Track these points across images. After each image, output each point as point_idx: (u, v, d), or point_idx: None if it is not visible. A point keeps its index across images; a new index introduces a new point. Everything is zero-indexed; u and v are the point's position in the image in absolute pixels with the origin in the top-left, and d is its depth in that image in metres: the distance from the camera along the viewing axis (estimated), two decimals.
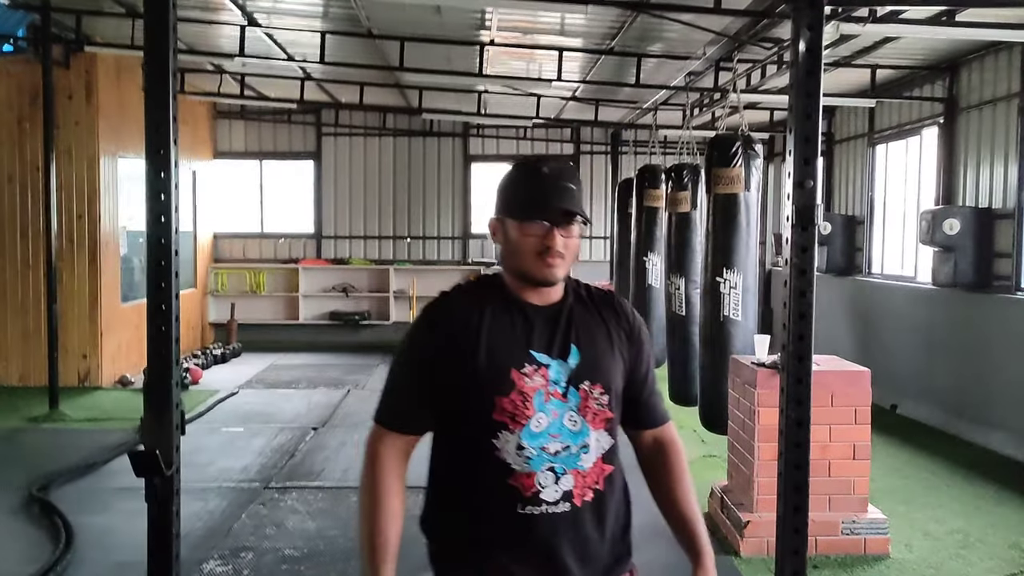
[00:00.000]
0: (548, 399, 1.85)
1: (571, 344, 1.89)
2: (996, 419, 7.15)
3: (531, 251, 1.84)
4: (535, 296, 1.91)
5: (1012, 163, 7.41)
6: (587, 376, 1.88)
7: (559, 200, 1.84)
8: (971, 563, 4.87)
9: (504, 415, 1.82)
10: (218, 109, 13.24)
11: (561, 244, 1.84)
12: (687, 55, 8.06)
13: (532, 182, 1.87)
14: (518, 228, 1.85)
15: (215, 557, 4.80)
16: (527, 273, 1.87)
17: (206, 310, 13.04)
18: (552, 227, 1.83)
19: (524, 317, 1.89)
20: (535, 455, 1.82)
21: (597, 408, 1.88)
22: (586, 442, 1.86)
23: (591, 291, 2.02)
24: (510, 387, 1.82)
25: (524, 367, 1.84)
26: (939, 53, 8.09)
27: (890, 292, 9.42)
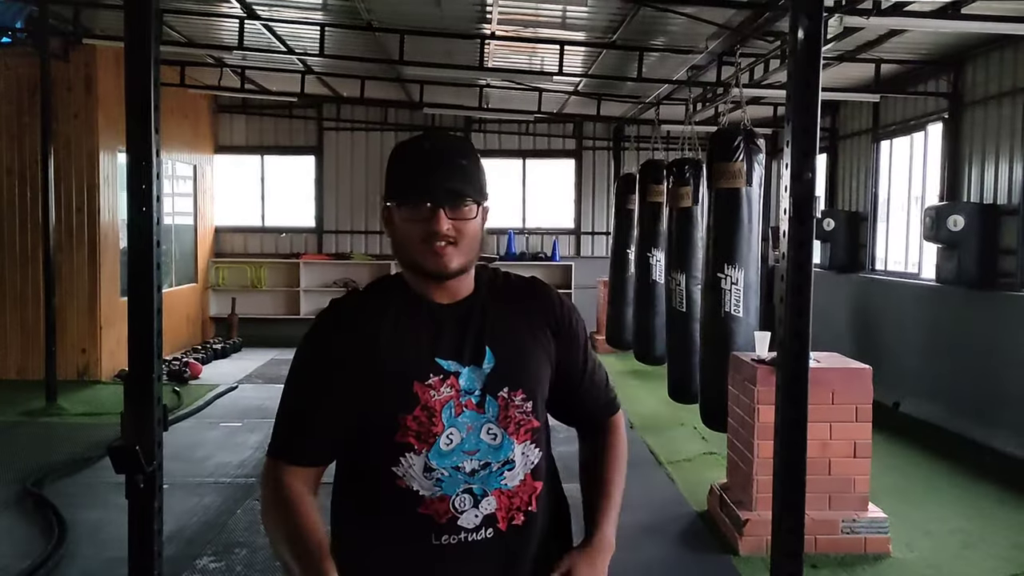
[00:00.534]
0: (460, 411, 1.62)
1: (484, 346, 1.65)
2: (1000, 418, 7.08)
3: (416, 238, 1.61)
4: (440, 294, 1.67)
5: (1017, 159, 7.33)
6: (505, 381, 1.65)
7: (443, 177, 1.60)
8: (973, 563, 4.82)
9: (408, 435, 1.59)
10: (219, 103, 13.20)
11: (449, 228, 1.59)
12: (690, 49, 7.99)
13: (412, 160, 1.64)
14: (401, 213, 1.62)
15: (209, 553, 4.76)
16: (417, 264, 1.63)
17: (207, 304, 13.01)
18: (437, 208, 1.58)
19: (430, 319, 1.66)
20: (447, 476, 1.60)
21: (520, 417, 1.65)
22: (509, 457, 1.64)
23: (510, 280, 1.78)
24: (413, 402, 1.59)
25: (429, 378, 1.61)
26: (944, 48, 8.01)
27: (893, 289, 9.35)
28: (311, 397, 1.66)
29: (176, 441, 7.00)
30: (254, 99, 12.57)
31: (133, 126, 2.17)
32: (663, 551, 4.94)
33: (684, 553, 5.00)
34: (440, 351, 1.63)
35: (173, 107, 11.21)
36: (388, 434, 1.59)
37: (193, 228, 12.33)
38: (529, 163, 13.76)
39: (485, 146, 13.64)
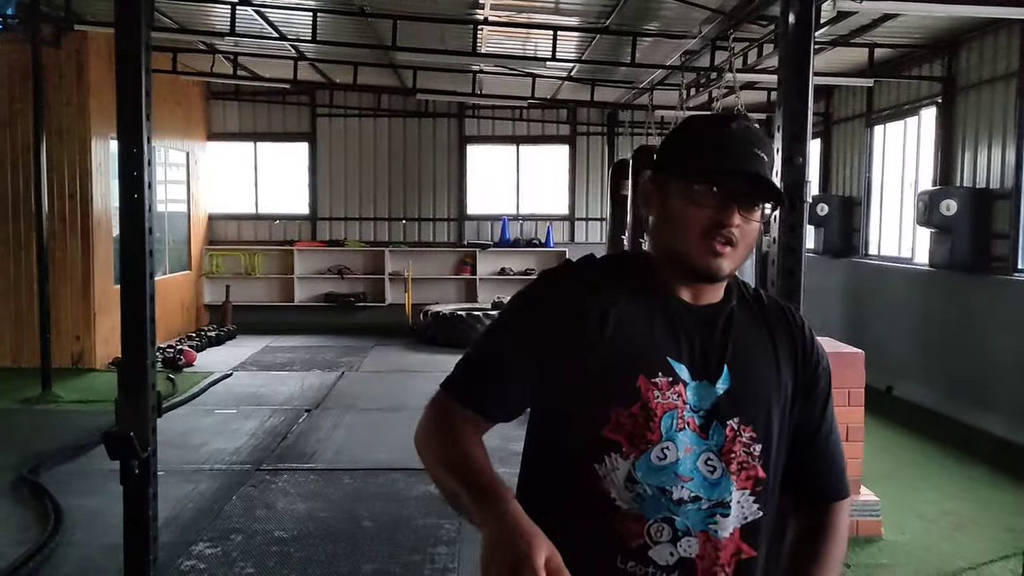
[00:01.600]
0: (683, 427, 1.36)
1: (723, 363, 1.39)
2: (992, 401, 7.12)
3: (696, 227, 1.35)
4: (687, 291, 1.43)
5: (1010, 143, 7.34)
6: (737, 411, 1.38)
7: (749, 164, 1.35)
8: (964, 545, 4.86)
9: (619, 432, 1.35)
10: (212, 90, 13.14)
11: (738, 224, 1.35)
12: (683, 34, 7.97)
13: (714, 137, 1.39)
14: (684, 193, 1.37)
15: (205, 539, 4.78)
16: (684, 257, 1.38)
17: (201, 292, 12.99)
18: (731, 199, 1.35)
19: (667, 314, 1.41)
20: (648, 495, 1.34)
21: (745, 458, 1.37)
22: (726, 500, 1.36)
23: (761, 296, 1.52)
24: (634, 397, 1.35)
25: (657, 376, 1.36)
26: (938, 32, 8.01)
27: (887, 274, 9.38)
28: (512, 351, 1.42)
29: (171, 428, 7.01)
30: (246, 85, 12.51)
31: (124, 113, 2.17)
32: None
33: None
34: (675, 352, 1.39)
35: (165, 94, 11.15)
36: (597, 425, 1.36)
37: (187, 215, 12.30)
38: (523, 149, 13.74)
39: (479, 132, 13.62)
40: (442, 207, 13.65)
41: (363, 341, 11.98)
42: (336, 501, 5.42)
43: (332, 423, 7.39)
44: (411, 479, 5.78)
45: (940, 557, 4.69)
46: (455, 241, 13.63)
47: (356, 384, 9.13)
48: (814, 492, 1.52)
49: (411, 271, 13.11)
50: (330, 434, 7.04)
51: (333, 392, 8.71)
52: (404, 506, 5.33)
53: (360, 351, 11.24)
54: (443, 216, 13.66)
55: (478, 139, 13.66)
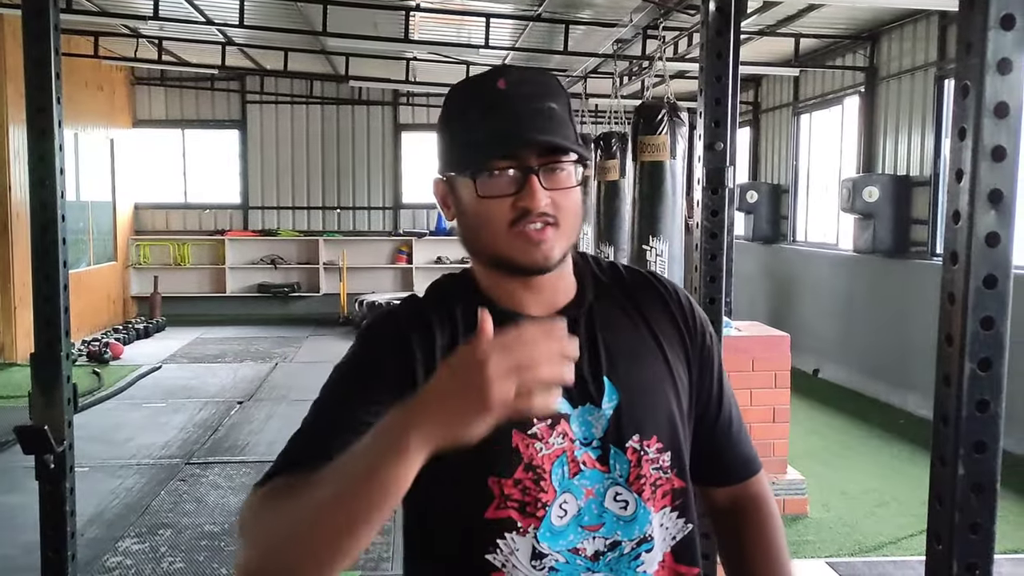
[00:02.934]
0: (577, 470, 1.14)
1: (602, 376, 1.16)
2: (912, 381, 7.37)
3: (501, 222, 1.11)
4: (531, 301, 1.18)
5: (929, 132, 7.58)
6: (635, 426, 1.16)
7: (532, 127, 1.10)
8: (885, 520, 5.02)
9: (509, 507, 1.11)
10: (136, 75, 12.79)
11: (546, 201, 1.10)
12: (615, 22, 8.03)
13: (483, 108, 1.12)
14: (473, 188, 1.12)
15: (132, 535, 4.68)
16: (502, 259, 1.14)
17: (127, 283, 12.67)
18: (528, 175, 1.10)
19: None
20: (563, 564, 1.12)
21: (656, 476, 1.17)
22: (647, 533, 1.16)
23: (621, 275, 1.27)
24: (515, 461, 1.11)
25: (532, 425, 1.12)
26: (860, 22, 8.21)
27: (813, 259, 9.62)
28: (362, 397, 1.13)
29: (97, 423, 6.84)
30: (172, 71, 12.22)
31: (32, 95, 2.10)
32: None
33: None
34: None
35: (87, 79, 10.83)
36: (478, 508, 1.12)
37: (111, 205, 11.96)
38: None
39: (413, 120, 13.53)
40: (377, 195, 13.54)
41: (298, 331, 11.84)
42: None
43: (265, 415, 7.29)
44: None
45: (863, 533, 4.84)
46: (390, 230, 13.53)
47: (290, 375, 9.02)
48: (730, 477, 1.33)
49: (346, 260, 12.98)
50: (263, 426, 6.94)
51: (266, 383, 8.59)
52: None
53: (294, 342, 11.10)
54: (378, 205, 13.55)
55: (413, 127, 13.56)
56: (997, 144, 1.10)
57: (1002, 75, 1.10)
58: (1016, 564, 4.29)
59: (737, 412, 1.33)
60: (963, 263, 1.12)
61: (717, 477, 1.33)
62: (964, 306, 1.12)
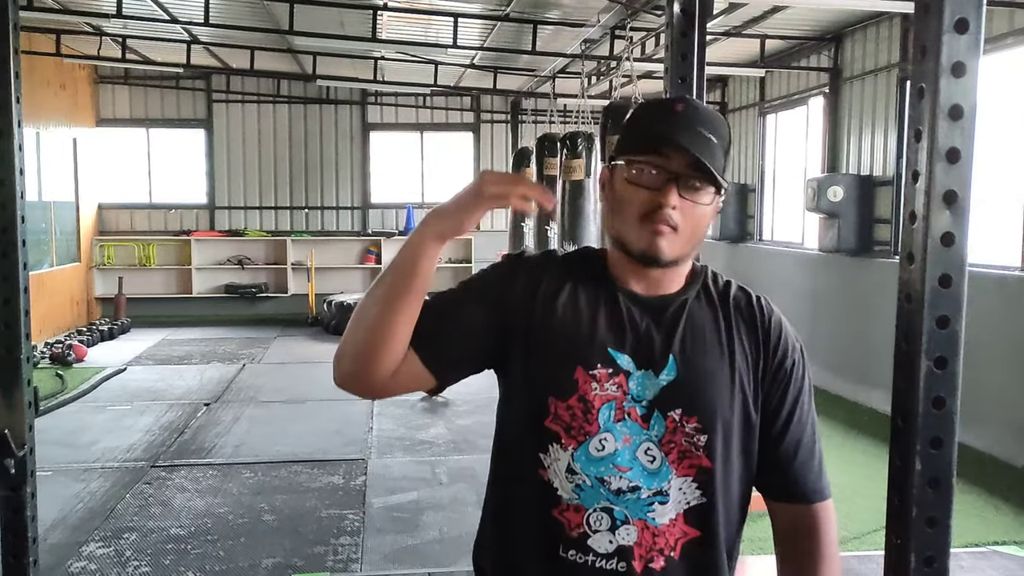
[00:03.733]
0: (621, 417, 1.36)
1: (669, 353, 1.38)
2: (876, 378, 7.47)
3: (635, 208, 1.34)
4: (639, 281, 1.41)
5: (892, 132, 7.70)
6: (681, 402, 1.37)
7: (688, 145, 1.31)
8: (849, 516, 5.09)
9: (558, 423, 1.37)
10: (100, 74, 12.61)
11: (677, 207, 1.33)
12: (582, 22, 8.06)
13: (656, 118, 1.38)
14: (624, 174, 1.36)
15: (96, 539, 4.62)
16: (624, 241, 1.37)
17: (91, 284, 12.49)
18: (670, 179, 1.32)
19: (613, 305, 1.40)
20: (588, 486, 1.36)
21: (687, 447, 1.37)
22: (664, 488, 1.37)
23: (728, 288, 1.49)
24: (570, 389, 1.36)
25: (596, 367, 1.36)
26: (824, 24, 8.32)
27: (780, 258, 9.72)
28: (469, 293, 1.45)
29: (60, 426, 6.75)
30: (137, 69, 12.07)
31: None
32: None
33: None
34: (617, 342, 1.38)
35: (49, 77, 10.66)
36: (538, 416, 1.38)
37: (74, 205, 11.77)
38: (427, 136, 13.66)
39: (382, 119, 13.48)
40: (345, 195, 13.47)
41: (265, 332, 11.75)
42: (236, 496, 5.31)
43: (232, 416, 7.23)
44: (314, 471, 5.71)
45: None
46: (359, 230, 13.47)
47: (258, 376, 8.95)
48: (792, 496, 1.48)
49: (314, 260, 12.90)
50: (230, 428, 6.88)
51: (234, 385, 8.52)
52: (306, 498, 5.26)
53: (262, 343, 11.01)
54: (347, 204, 13.48)
55: (381, 126, 13.51)
56: (952, 146, 1.12)
57: (956, 78, 1.12)
58: (975, 558, 4.37)
59: (811, 442, 1.48)
60: (919, 263, 1.14)
61: (776, 492, 1.48)
62: (921, 305, 1.14)
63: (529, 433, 1.39)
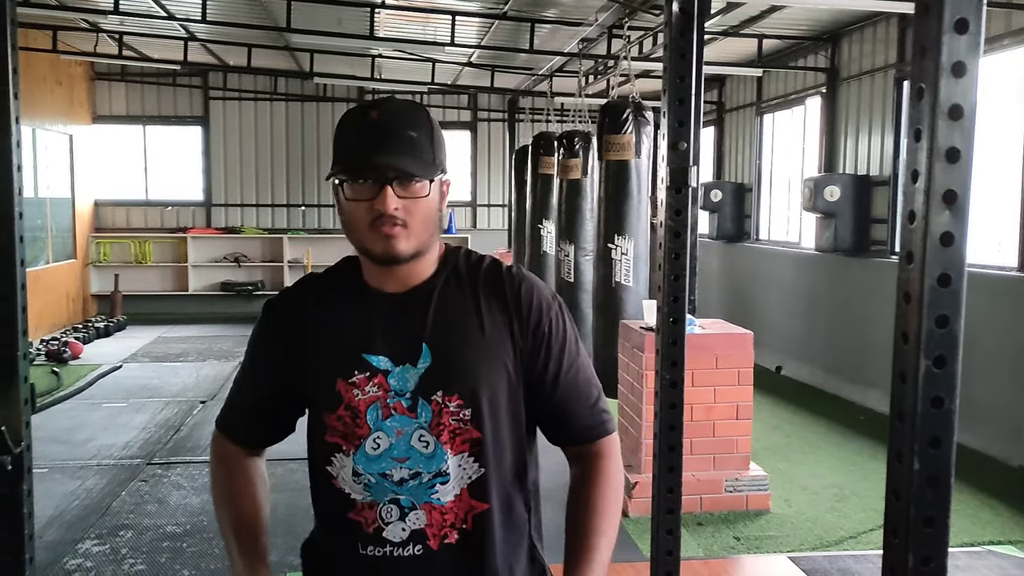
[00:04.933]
0: (388, 414, 1.47)
1: (421, 342, 1.48)
2: (872, 378, 7.49)
3: (363, 220, 1.45)
4: (389, 280, 1.52)
5: (888, 132, 7.71)
6: (440, 384, 1.47)
7: (389, 151, 1.43)
8: (845, 515, 5.10)
9: (335, 434, 1.49)
10: (96, 70, 12.59)
11: (397, 208, 1.43)
12: (580, 21, 8.06)
13: (357, 132, 1.47)
14: (346, 192, 1.46)
15: (92, 537, 4.61)
16: (364, 249, 1.48)
17: (87, 282, 12.47)
18: (384, 186, 1.42)
19: (367, 310, 1.52)
20: (373, 483, 1.48)
21: (455, 425, 1.47)
22: (442, 469, 1.48)
23: (476, 264, 1.57)
24: (336, 401, 1.48)
25: (353, 375, 1.47)
26: (822, 24, 8.32)
27: (776, 258, 9.73)
28: (248, 382, 1.64)
29: (56, 423, 6.74)
30: (134, 66, 12.05)
31: None
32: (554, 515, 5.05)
33: None
34: (370, 346, 1.48)
35: (45, 74, 10.64)
36: (319, 432, 1.52)
37: (71, 202, 11.75)
38: None
39: None
40: None
41: None
42: None
43: None
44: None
45: (824, 527, 4.91)
46: None
47: None
48: (575, 440, 1.60)
49: (311, 258, 12.89)
50: None
51: (229, 382, 8.45)
52: (303, 495, 5.21)
53: None
54: None
55: None
56: (951, 146, 1.12)
57: (956, 78, 1.12)
58: (972, 557, 4.38)
59: (586, 387, 1.59)
60: (918, 262, 1.14)
61: (562, 438, 1.61)
62: (919, 304, 1.14)
63: (317, 449, 1.53)
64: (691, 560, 4.18)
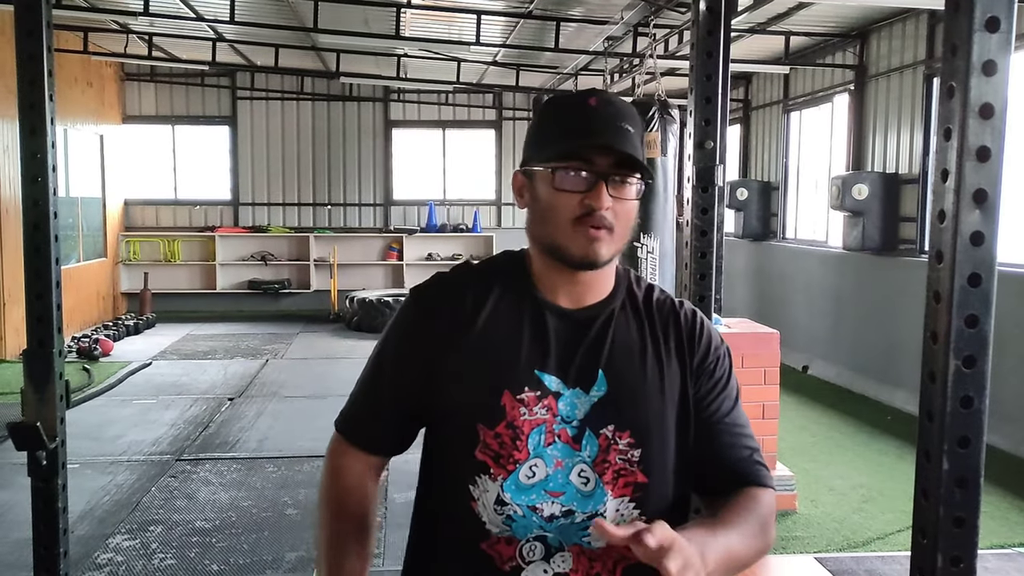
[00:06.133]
0: (552, 440, 1.30)
1: (598, 368, 1.33)
2: (900, 377, 7.41)
3: (566, 214, 1.29)
4: (565, 292, 1.36)
5: (917, 129, 7.62)
6: (613, 418, 1.31)
7: (612, 139, 1.28)
8: (872, 516, 5.06)
9: (487, 453, 1.30)
10: (126, 71, 12.74)
11: (608, 205, 1.28)
12: (605, 19, 8.05)
13: (573, 116, 1.32)
14: (549, 180, 1.30)
15: (122, 532, 4.67)
16: (559, 248, 1.31)
17: (117, 280, 12.63)
18: (598, 180, 1.28)
19: (540, 320, 1.35)
20: (519, 516, 1.30)
21: (622, 466, 1.31)
22: (599, 511, 1.30)
23: (651, 294, 1.42)
24: (499, 416, 1.30)
25: (523, 391, 1.31)
26: (850, 20, 8.24)
27: (803, 256, 9.66)
28: (390, 378, 1.41)
29: (87, 420, 6.83)
30: (163, 67, 12.18)
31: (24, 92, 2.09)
32: None
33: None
34: (543, 363, 1.32)
35: (76, 75, 10.78)
36: (468, 446, 1.32)
37: (101, 201, 11.92)
38: (449, 133, 13.69)
39: (404, 116, 13.52)
40: (368, 192, 13.53)
41: (288, 328, 11.83)
42: (259, 489, 5.35)
43: (256, 411, 7.29)
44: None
45: (851, 528, 4.88)
46: (381, 226, 13.53)
47: (281, 371, 9.02)
48: (727, 485, 1.37)
49: (336, 257, 12.97)
50: (254, 422, 6.94)
51: (257, 380, 8.58)
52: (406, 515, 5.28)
53: (285, 338, 11.09)
54: (369, 201, 13.54)
55: (404, 123, 13.55)
56: (982, 145, 1.12)
57: (987, 77, 1.11)
58: (1002, 559, 4.33)
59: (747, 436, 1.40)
60: (948, 262, 1.13)
61: (713, 486, 1.38)
62: (949, 304, 1.14)
63: (459, 464, 1.33)
64: None
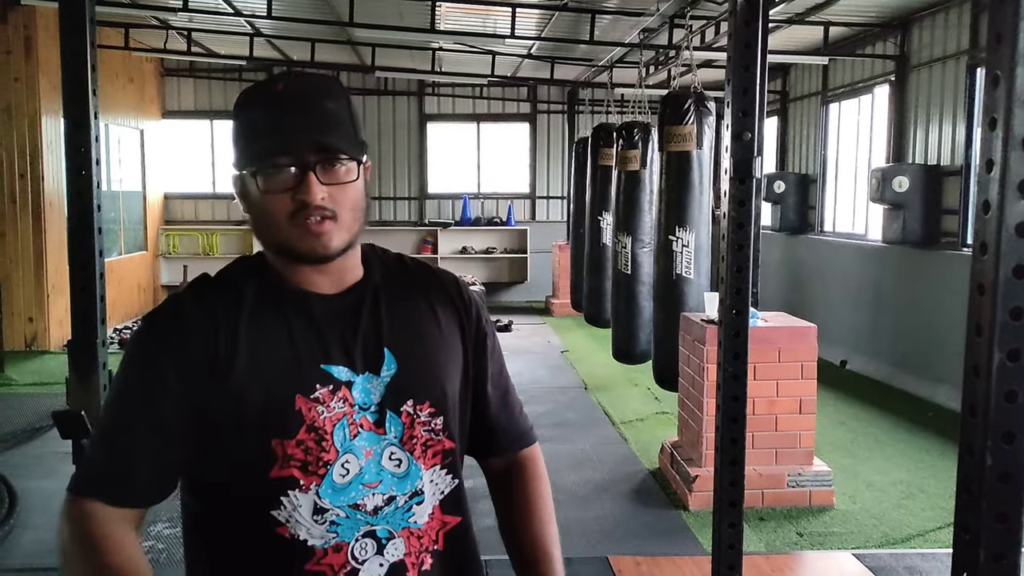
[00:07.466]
0: (356, 432, 1.24)
1: (382, 347, 1.28)
2: (941, 373, 7.30)
3: (282, 215, 1.21)
4: (320, 281, 1.28)
5: (960, 121, 7.48)
6: (409, 392, 1.28)
7: (306, 128, 1.20)
8: (912, 512, 5.00)
9: (291, 467, 1.20)
10: (166, 67, 12.92)
11: (324, 197, 1.20)
12: (641, 11, 7.99)
13: (262, 109, 1.23)
14: (257, 182, 1.21)
15: (163, 520, 4.74)
16: (287, 249, 1.24)
17: (158, 272, 12.84)
18: (304, 171, 1.19)
19: (306, 315, 1.26)
20: (343, 519, 1.23)
21: (427, 436, 1.29)
22: (417, 488, 1.28)
23: (407, 264, 1.40)
24: (296, 423, 1.20)
25: (315, 390, 1.22)
26: (891, 10, 8.11)
27: (841, 250, 9.54)
28: (140, 417, 1.22)
29: None
30: (201, 62, 12.32)
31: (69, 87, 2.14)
32: (617, 507, 5.05)
33: (636, 509, 5.11)
34: (327, 355, 1.24)
35: (117, 70, 10.95)
36: (262, 469, 1.20)
37: (142, 195, 12.12)
38: (483, 127, 13.70)
39: (439, 110, 13.56)
40: (403, 186, 13.60)
41: None
42: None
43: None
44: None
45: (889, 525, 4.82)
46: (416, 220, 13.59)
47: None
48: (505, 449, 1.46)
49: None
50: None
51: None
52: None
53: None
54: (404, 195, 13.61)
55: (438, 117, 13.59)
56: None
57: None
58: None
59: (512, 393, 1.47)
60: (993, 253, 1.12)
61: (491, 448, 1.46)
62: (994, 296, 1.12)
63: (256, 491, 1.21)
64: (753, 555, 4.13)
